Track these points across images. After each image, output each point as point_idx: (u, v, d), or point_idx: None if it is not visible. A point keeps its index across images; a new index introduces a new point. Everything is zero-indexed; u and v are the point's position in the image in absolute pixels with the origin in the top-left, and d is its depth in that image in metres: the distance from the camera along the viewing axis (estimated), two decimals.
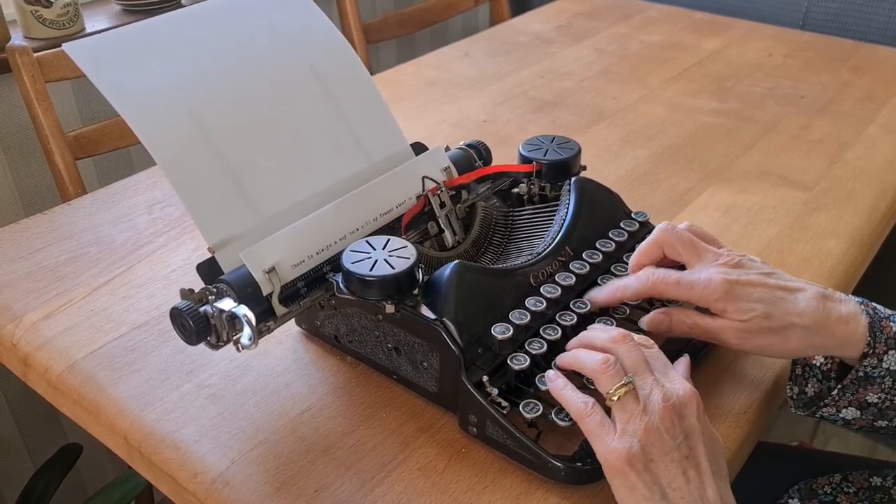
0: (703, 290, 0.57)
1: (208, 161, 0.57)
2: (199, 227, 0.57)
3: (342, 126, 0.64)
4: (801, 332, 0.56)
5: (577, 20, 1.48)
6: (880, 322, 0.56)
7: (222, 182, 0.58)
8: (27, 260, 0.79)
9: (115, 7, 1.34)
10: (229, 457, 0.57)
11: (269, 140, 0.60)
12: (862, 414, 0.58)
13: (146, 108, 0.57)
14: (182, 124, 0.57)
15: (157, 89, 0.58)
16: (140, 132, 0.56)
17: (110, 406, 0.62)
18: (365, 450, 0.58)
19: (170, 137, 0.57)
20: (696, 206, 0.88)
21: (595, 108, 1.13)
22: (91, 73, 0.56)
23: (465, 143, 0.75)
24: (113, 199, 0.90)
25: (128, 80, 0.58)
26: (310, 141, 0.62)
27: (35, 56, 1.04)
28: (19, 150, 1.22)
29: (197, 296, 0.57)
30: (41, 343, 0.69)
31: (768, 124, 1.07)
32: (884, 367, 0.56)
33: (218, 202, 0.57)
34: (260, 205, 0.59)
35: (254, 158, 0.59)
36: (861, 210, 0.87)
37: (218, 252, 0.58)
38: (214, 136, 0.58)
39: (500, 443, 0.56)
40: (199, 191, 0.56)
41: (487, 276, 0.61)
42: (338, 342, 0.66)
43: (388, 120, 0.69)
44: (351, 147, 0.64)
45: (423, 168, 0.69)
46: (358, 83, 0.67)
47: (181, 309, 0.55)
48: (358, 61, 0.68)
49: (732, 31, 1.41)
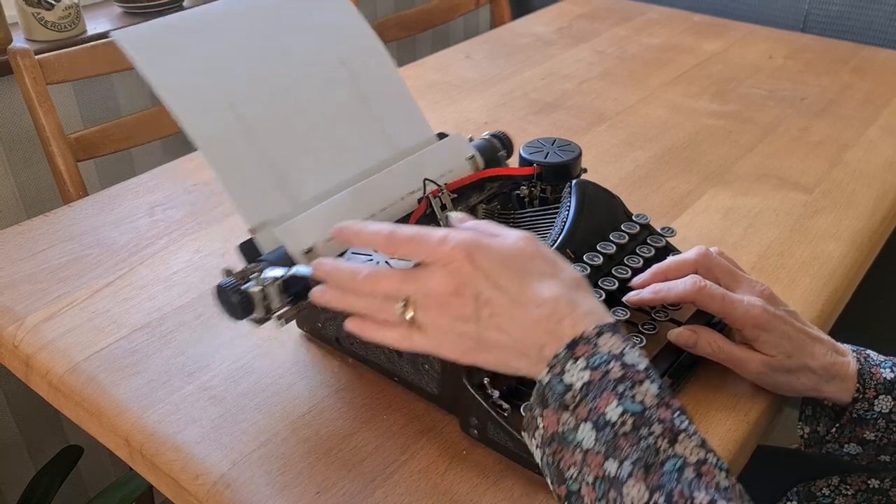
0: (745, 314, 0.59)
1: (247, 149, 0.60)
2: (239, 210, 0.60)
3: (371, 116, 0.67)
4: (811, 376, 0.59)
5: (578, 22, 1.48)
6: (870, 369, 0.59)
7: (260, 169, 0.61)
8: (29, 262, 0.79)
9: (116, 9, 1.34)
10: (231, 458, 0.57)
11: (303, 130, 0.64)
12: (864, 450, 0.61)
13: (190, 99, 0.59)
14: (223, 114, 0.60)
15: (200, 80, 0.60)
16: (183, 122, 0.58)
17: (112, 408, 0.62)
18: (366, 452, 0.58)
19: (211, 127, 0.60)
20: (696, 209, 0.88)
21: (595, 110, 1.13)
22: (139, 62, 0.58)
23: (488, 134, 0.77)
24: (114, 201, 0.90)
25: (172, 70, 0.60)
26: (341, 131, 0.66)
27: (36, 58, 1.04)
28: (21, 152, 1.22)
29: (240, 273, 0.58)
30: (43, 345, 0.69)
31: (769, 126, 1.07)
32: (875, 410, 0.59)
33: (256, 187, 0.61)
34: (295, 191, 0.62)
35: (289, 147, 0.63)
36: (861, 212, 0.87)
37: (258, 234, 0.60)
38: (253, 125, 0.61)
39: (502, 445, 0.56)
40: (239, 176, 0.60)
41: None
42: (339, 344, 0.66)
43: (415, 111, 0.72)
44: (379, 136, 0.67)
45: (448, 152, 0.71)
46: (386, 75, 0.70)
47: (226, 286, 0.56)
48: (386, 54, 0.70)
49: (733, 33, 1.41)
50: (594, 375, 0.45)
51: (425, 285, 0.50)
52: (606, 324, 0.47)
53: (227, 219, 0.87)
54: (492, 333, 0.49)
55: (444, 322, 0.49)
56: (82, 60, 1.09)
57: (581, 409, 0.45)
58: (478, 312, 0.48)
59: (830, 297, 0.75)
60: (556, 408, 0.46)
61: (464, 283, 0.49)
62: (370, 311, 0.52)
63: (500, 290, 0.48)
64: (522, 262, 0.50)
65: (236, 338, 0.69)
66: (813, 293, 0.74)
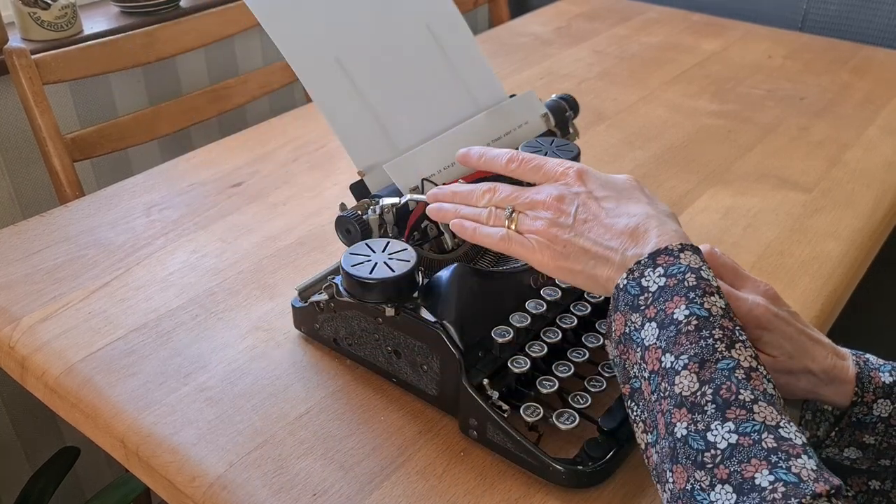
0: (748, 312, 0.59)
1: (354, 101, 0.69)
2: (350, 153, 0.67)
3: (456, 78, 0.77)
4: (811, 378, 0.59)
5: (577, 22, 1.48)
6: (869, 373, 0.59)
7: (366, 118, 0.69)
8: (25, 262, 0.79)
9: (113, 9, 1.33)
10: (227, 460, 0.57)
11: (399, 87, 0.73)
12: (864, 454, 0.61)
13: (306, 56, 0.68)
14: (332, 70, 0.69)
15: (313, 39, 0.69)
16: (303, 77, 0.67)
17: (108, 409, 0.62)
18: (364, 453, 0.58)
19: (324, 81, 0.68)
20: (696, 208, 0.88)
21: (595, 109, 1.12)
22: (266, 23, 0.67)
23: (556, 96, 0.81)
24: (111, 202, 0.90)
25: (292, 30, 0.69)
26: (431, 89, 0.75)
27: (33, 58, 1.03)
28: (17, 152, 1.22)
29: (358, 206, 0.64)
30: (39, 346, 0.68)
31: (768, 126, 1.07)
32: (874, 414, 0.59)
33: (363, 134, 0.69)
34: (396, 139, 0.70)
35: (388, 102, 0.71)
36: (861, 212, 0.87)
37: (367, 175, 0.67)
38: (357, 80, 0.70)
39: (501, 446, 0.56)
40: (348, 124, 0.68)
41: (488, 279, 0.61)
42: (337, 345, 0.66)
43: (491, 74, 0.81)
44: (463, 94, 0.77)
45: (524, 106, 0.79)
46: (465, 41, 0.80)
47: (348, 216, 0.62)
48: (464, 22, 0.80)
49: (732, 33, 1.41)
50: (669, 282, 0.49)
51: (534, 197, 0.56)
52: (690, 244, 0.51)
53: (223, 219, 0.86)
54: (583, 240, 0.53)
55: (542, 227, 0.54)
56: (79, 60, 1.09)
57: (649, 310, 0.48)
58: (574, 219, 0.53)
59: (830, 297, 0.74)
60: (626, 310, 0.50)
61: (569, 194, 0.55)
62: (480, 218, 0.58)
63: (598, 202, 0.54)
64: (625, 187, 0.56)
65: (233, 339, 0.69)
66: (812, 292, 0.74)
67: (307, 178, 0.95)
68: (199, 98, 1.24)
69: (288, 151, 1.01)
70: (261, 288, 0.75)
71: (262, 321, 0.71)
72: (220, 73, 1.46)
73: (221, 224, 0.85)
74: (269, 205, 0.89)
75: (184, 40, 1.21)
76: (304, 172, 0.96)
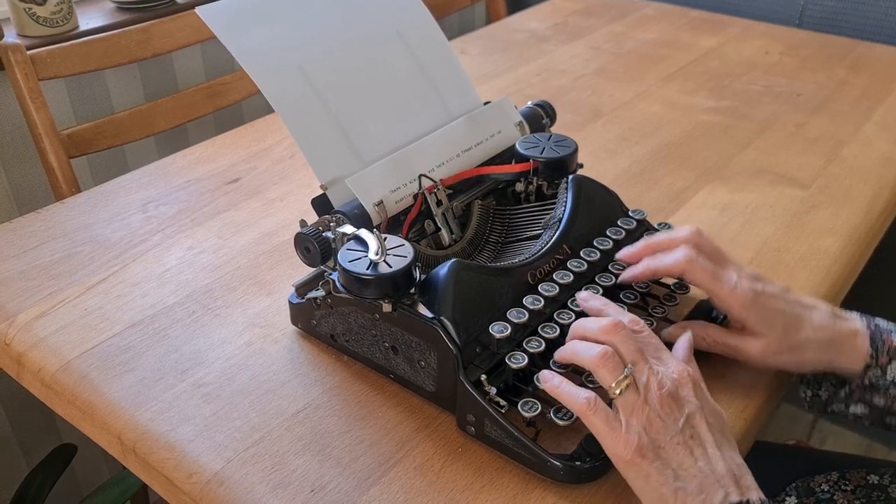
0: (732, 293, 0.58)
1: (318, 111, 0.67)
2: (313, 166, 0.65)
3: (428, 85, 0.74)
4: (815, 347, 0.58)
5: (573, 18, 1.48)
6: (881, 336, 0.59)
7: (330, 130, 0.67)
8: (21, 259, 0.79)
9: (109, 5, 1.33)
10: (224, 456, 0.57)
11: (366, 96, 0.70)
12: (870, 411, 0.60)
13: (266, 65, 0.66)
14: (295, 79, 0.67)
15: (274, 49, 0.67)
16: (262, 86, 0.65)
17: (104, 406, 0.62)
18: (361, 449, 0.58)
19: (285, 90, 0.66)
20: (693, 205, 0.88)
21: (591, 105, 1.12)
22: (222, 35, 0.65)
23: (532, 103, 0.79)
24: (107, 198, 0.90)
25: (251, 40, 0.67)
26: (401, 97, 0.72)
27: (28, 54, 1.03)
28: (13, 148, 1.21)
29: (319, 223, 0.62)
30: (35, 342, 0.68)
31: (765, 122, 1.07)
32: (888, 378, 0.58)
33: (327, 146, 0.67)
34: (362, 150, 0.68)
35: (355, 111, 0.69)
36: (858, 208, 0.87)
37: (329, 189, 0.66)
38: (321, 90, 0.68)
39: (499, 442, 0.56)
40: (311, 136, 0.66)
41: (485, 275, 0.61)
42: (334, 341, 0.66)
43: (465, 81, 0.78)
44: (435, 103, 0.74)
45: (497, 114, 0.77)
46: (438, 47, 0.76)
47: (307, 233, 0.61)
48: (437, 28, 0.77)
49: (729, 29, 1.40)
50: None
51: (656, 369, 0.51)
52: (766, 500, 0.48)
53: (219, 215, 0.86)
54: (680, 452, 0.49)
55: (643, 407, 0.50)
56: (75, 56, 1.08)
57: None
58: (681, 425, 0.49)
59: (828, 293, 0.75)
60: None
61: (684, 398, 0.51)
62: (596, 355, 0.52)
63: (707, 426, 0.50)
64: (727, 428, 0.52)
65: (230, 335, 0.68)
66: (810, 288, 0.74)
67: (304, 174, 0.94)
68: (196, 94, 1.24)
69: (284, 148, 1.01)
70: (258, 284, 0.75)
71: (259, 317, 0.71)
72: (217, 69, 1.45)
73: (218, 220, 0.85)
74: (266, 201, 0.89)
75: (180, 36, 1.21)
76: (301, 169, 0.96)
